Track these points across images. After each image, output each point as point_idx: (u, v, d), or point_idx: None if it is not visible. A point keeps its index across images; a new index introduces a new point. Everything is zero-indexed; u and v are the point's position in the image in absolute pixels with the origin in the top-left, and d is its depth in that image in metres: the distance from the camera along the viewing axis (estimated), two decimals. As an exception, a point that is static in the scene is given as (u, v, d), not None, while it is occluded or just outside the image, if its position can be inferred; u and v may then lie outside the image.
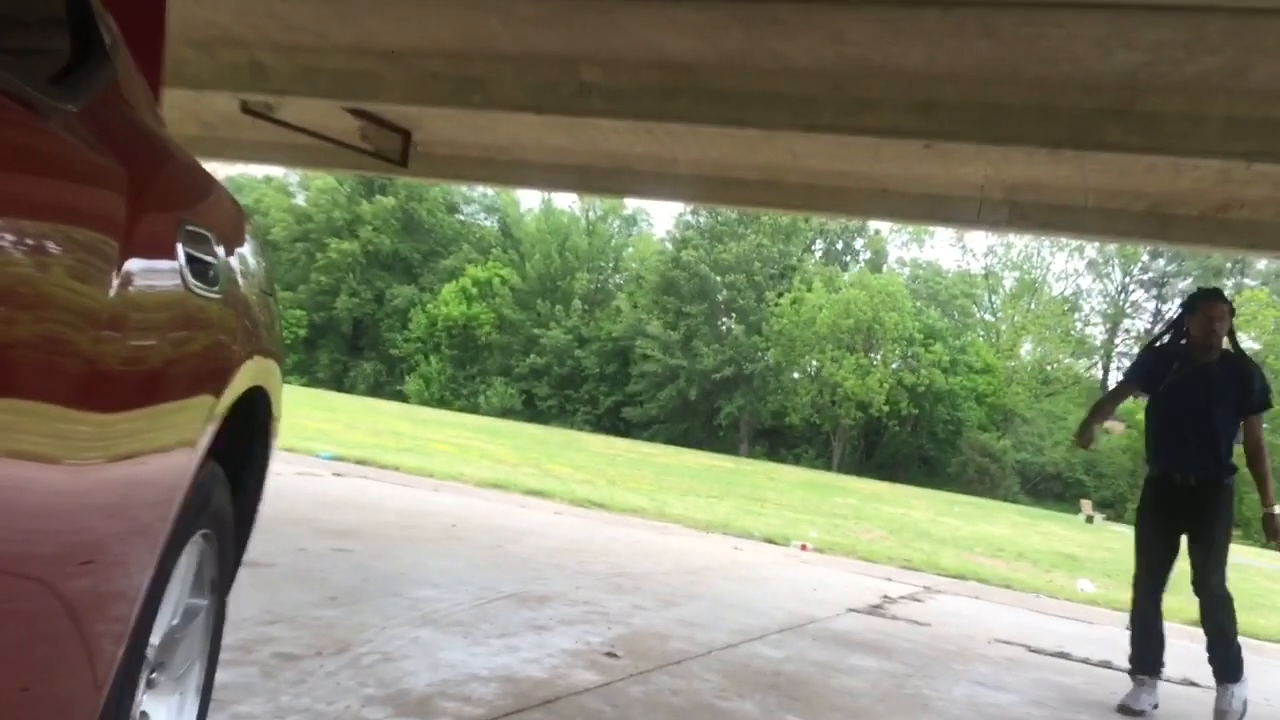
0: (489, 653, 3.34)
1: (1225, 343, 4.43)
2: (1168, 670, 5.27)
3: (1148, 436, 4.58)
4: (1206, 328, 4.34)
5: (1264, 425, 4.41)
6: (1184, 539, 4.43)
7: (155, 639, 1.42)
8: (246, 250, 1.70)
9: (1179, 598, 8.56)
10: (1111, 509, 32.48)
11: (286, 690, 2.59)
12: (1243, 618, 4.70)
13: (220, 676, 1.87)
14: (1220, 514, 4.36)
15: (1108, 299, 45.89)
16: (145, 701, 1.44)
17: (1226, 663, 4.27)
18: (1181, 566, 4.51)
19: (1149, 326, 43.12)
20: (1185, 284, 41.57)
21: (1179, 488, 4.38)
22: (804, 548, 9.26)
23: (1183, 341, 4.49)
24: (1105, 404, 4.90)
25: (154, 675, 1.48)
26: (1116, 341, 45.61)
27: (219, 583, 1.71)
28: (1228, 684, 4.26)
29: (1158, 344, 4.66)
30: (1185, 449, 4.37)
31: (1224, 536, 4.37)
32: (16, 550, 0.94)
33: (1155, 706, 4.36)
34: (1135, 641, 4.50)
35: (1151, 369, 4.56)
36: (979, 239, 46.50)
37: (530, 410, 41.98)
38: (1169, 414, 4.44)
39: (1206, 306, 4.39)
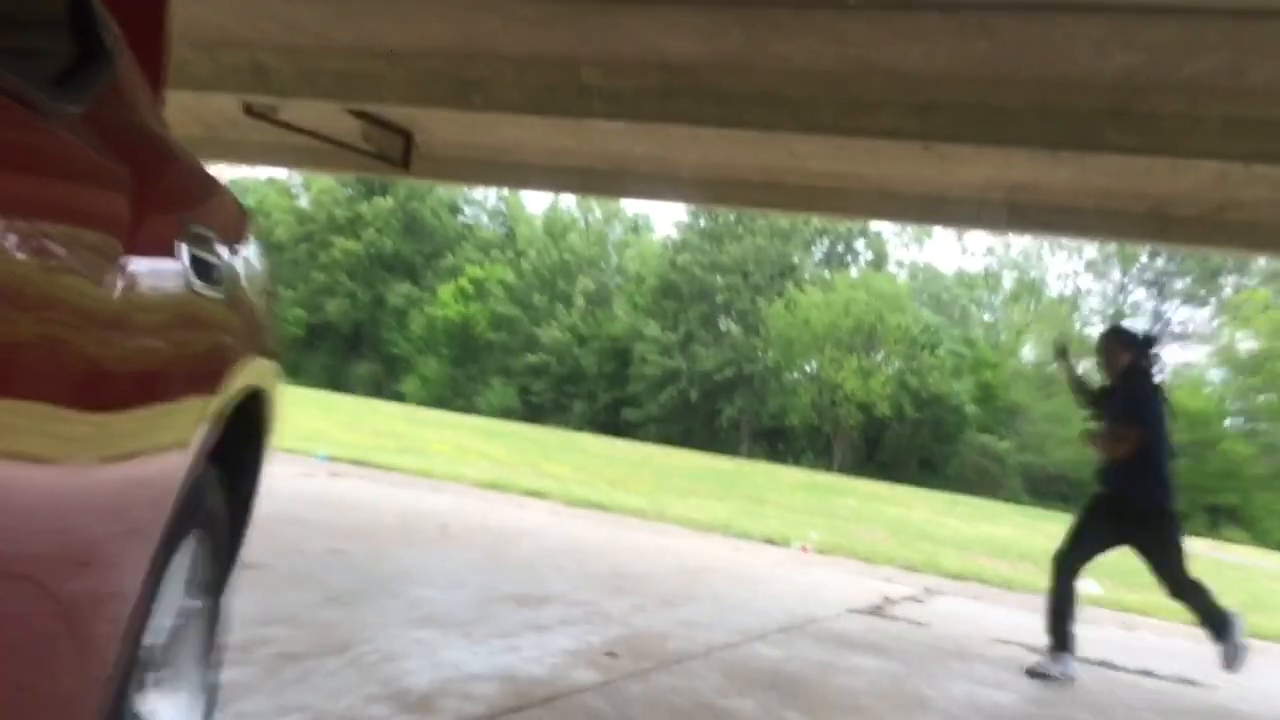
0: (489, 652, 3.35)
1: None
2: (1165, 669, 5.29)
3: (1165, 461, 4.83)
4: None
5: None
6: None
7: (152, 639, 1.42)
8: (249, 251, 1.71)
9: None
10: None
11: (289, 689, 2.60)
12: (1248, 618, 4.76)
13: (222, 675, 1.87)
14: None
15: (1107, 299, 45.89)
16: (143, 701, 1.45)
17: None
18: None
19: (1149, 326, 43.09)
20: (1184, 284, 41.53)
21: None
22: (804, 549, 9.26)
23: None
24: None
25: (158, 675, 1.49)
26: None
27: (215, 583, 1.71)
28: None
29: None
30: None
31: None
32: (12, 550, 0.94)
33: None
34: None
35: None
36: (979, 239, 46.49)
37: (528, 410, 41.93)
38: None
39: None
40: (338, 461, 10.27)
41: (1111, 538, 4.75)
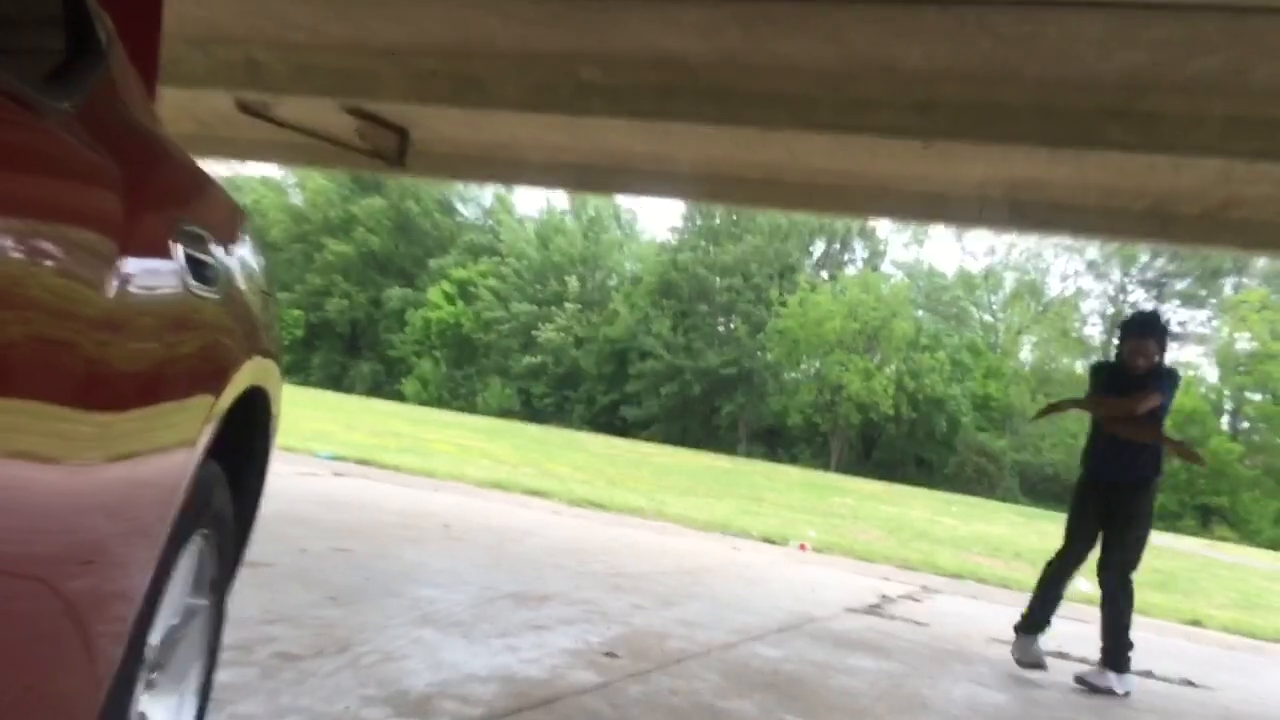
0: (489, 653, 3.33)
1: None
2: (1165, 670, 5.27)
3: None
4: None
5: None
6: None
7: (154, 639, 1.41)
8: (244, 249, 1.69)
9: (1175, 596, 8.54)
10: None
11: (286, 690, 2.58)
12: (1242, 617, 4.74)
13: (220, 676, 1.86)
14: None
15: (1107, 299, 45.93)
16: (144, 701, 1.43)
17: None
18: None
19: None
20: (1184, 284, 41.59)
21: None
22: (802, 547, 9.26)
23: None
24: None
25: (153, 675, 1.48)
26: (1115, 341, 45.57)
27: (219, 583, 1.70)
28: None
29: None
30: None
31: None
32: (17, 550, 0.93)
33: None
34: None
35: None
36: (980, 239, 46.47)
37: (528, 410, 41.94)
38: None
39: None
40: (341, 460, 10.25)
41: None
